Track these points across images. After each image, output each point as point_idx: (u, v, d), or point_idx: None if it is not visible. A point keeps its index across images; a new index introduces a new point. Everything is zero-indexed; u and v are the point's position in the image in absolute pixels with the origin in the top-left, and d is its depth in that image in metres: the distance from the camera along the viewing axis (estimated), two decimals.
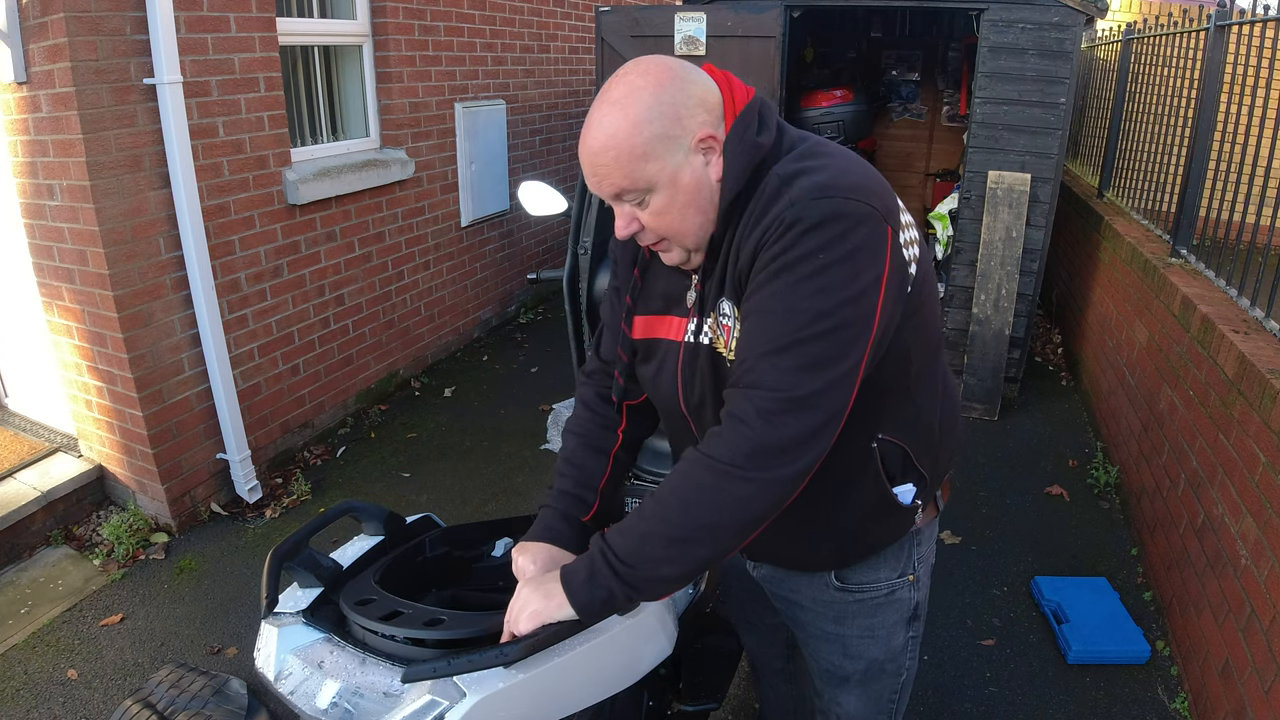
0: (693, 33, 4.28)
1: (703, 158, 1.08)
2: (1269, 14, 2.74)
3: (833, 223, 1.00)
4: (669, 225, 1.11)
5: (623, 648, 1.36)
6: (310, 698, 1.21)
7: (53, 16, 2.48)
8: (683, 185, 1.08)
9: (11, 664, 2.48)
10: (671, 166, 1.06)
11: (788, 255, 1.01)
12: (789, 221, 1.01)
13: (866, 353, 1.04)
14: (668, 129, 1.05)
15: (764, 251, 1.03)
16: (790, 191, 1.03)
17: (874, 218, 1.03)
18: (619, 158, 1.06)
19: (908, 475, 1.26)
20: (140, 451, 3.03)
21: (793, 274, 1.01)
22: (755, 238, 1.05)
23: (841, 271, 1.00)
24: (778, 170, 1.07)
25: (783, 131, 1.14)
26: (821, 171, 1.05)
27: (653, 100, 1.04)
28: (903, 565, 1.36)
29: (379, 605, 1.30)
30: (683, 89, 1.06)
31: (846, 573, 1.36)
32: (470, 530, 1.72)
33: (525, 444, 3.85)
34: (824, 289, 1.00)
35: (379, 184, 3.98)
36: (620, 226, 1.13)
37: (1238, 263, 2.78)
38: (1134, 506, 3.20)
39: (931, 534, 1.42)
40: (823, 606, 1.40)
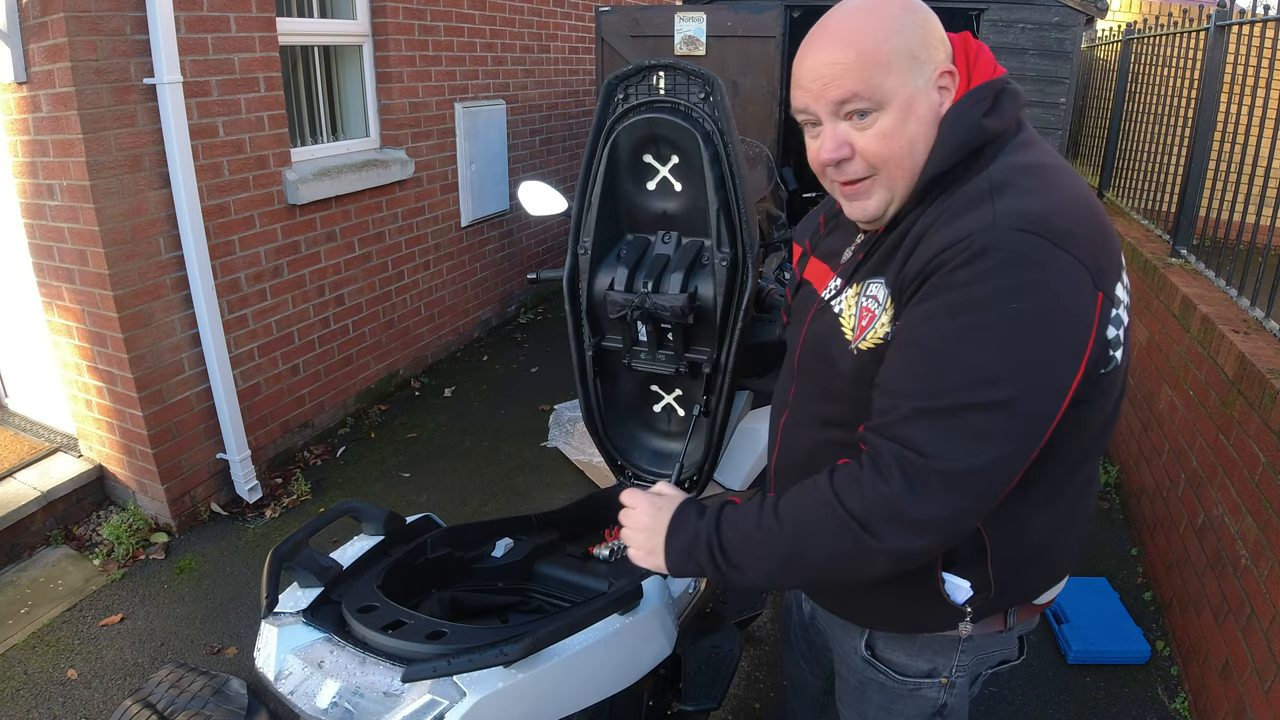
0: (693, 33, 4.28)
1: (938, 95, 0.96)
2: (1269, 14, 2.74)
3: (1031, 269, 0.85)
4: (891, 151, 0.95)
5: (623, 648, 1.36)
6: (310, 697, 1.21)
7: (53, 16, 2.48)
8: (916, 113, 0.95)
9: (11, 664, 2.48)
10: (910, 88, 0.94)
11: (970, 290, 0.86)
12: (981, 246, 0.86)
13: (1040, 439, 0.89)
14: (914, 48, 0.94)
15: (944, 272, 0.88)
16: (995, 205, 0.89)
17: (1084, 279, 0.87)
18: (860, 59, 0.92)
19: (970, 571, 1.08)
20: (140, 451, 3.03)
21: (972, 318, 0.86)
22: (940, 243, 0.90)
23: (1032, 334, 0.85)
24: (993, 171, 0.93)
25: (1023, 126, 1.00)
26: (1038, 195, 0.90)
27: (903, 14, 0.94)
28: (938, 663, 1.20)
29: (381, 613, 1.30)
30: (929, 19, 0.97)
31: (878, 645, 1.23)
32: (470, 530, 1.72)
33: (525, 444, 3.85)
34: (1005, 348, 0.85)
35: (379, 184, 3.98)
36: (827, 148, 0.97)
37: (1238, 263, 2.78)
38: (1134, 506, 3.20)
39: (991, 647, 1.21)
40: (848, 669, 1.31)
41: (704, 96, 1.76)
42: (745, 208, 1.80)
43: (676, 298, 1.83)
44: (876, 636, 1.24)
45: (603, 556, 1.85)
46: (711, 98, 1.76)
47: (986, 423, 0.87)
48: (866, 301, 1.01)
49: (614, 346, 2.03)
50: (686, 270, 1.87)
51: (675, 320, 1.86)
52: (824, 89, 0.95)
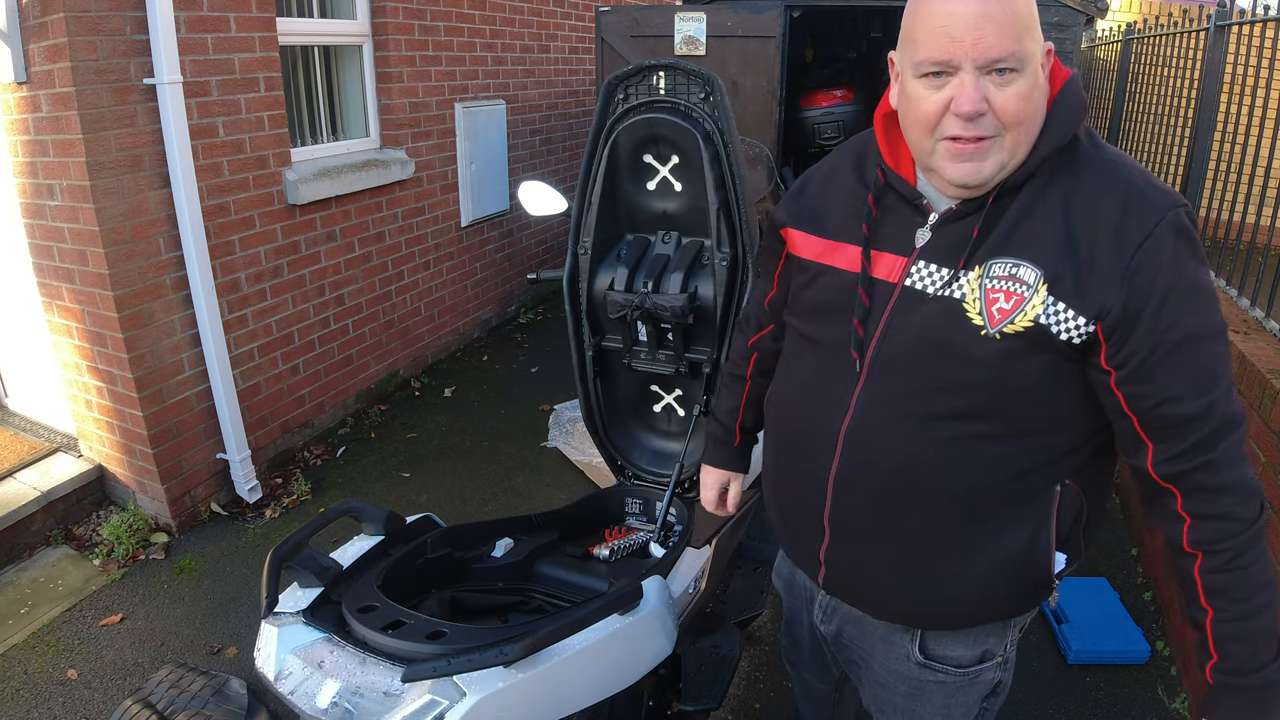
0: (693, 33, 4.28)
1: (1043, 70, 0.98)
2: (1269, 14, 2.74)
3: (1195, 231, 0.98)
4: (1024, 113, 0.96)
5: (623, 648, 1.36)
6: (310, 697, 1.21)
7: (53, 16, 2.48)
8: (1039, 81, 0.97)
9: (11, 664, 2.48)
10: (1040, 55, 0.97)
11: (1191, 270, 0.95)
12: (1175, 229, 0.94)
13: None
14: (1033, 22, 0.96)
15: (1158, 261, 0.94)
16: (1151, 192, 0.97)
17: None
18: (1014, 18, 0.93)
19: (1069, 543, 1.10)
20: (140, 451, 3.03)
21: (1202, 290, 0.96)
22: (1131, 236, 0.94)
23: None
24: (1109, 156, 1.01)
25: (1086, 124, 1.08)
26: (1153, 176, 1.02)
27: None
28: (991, 644, 1.20)
29: (381, 613, 1.30)
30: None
31: (932, 645, 1.21)
32: (470, 531, 1.72)
33: (525, 444, 3.85)
34: (1218, 303, 0.99)
35: (379, 184, 3.98)
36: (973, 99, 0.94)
37: (1238, 263, 2.78)
38: (1134, 506, 3.20)
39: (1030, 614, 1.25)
40: (896, 679, 1.26)
41: (704, 96, 1.77)
42: (745, 208, 1.80)
43: (676, 298, 1.83)
44: (929, 637, 1.21)
45: (603, 556, 1.85)
46: (711, 98, 1.76)
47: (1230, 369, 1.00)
48: (1004, 285, 0.98)
49: (614, 346, 2.03)
50: (686, 270, 1.87)
51: (675, 320, 1.86)
52: (978, 42, 0.92)
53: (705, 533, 1.85)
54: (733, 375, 1.48)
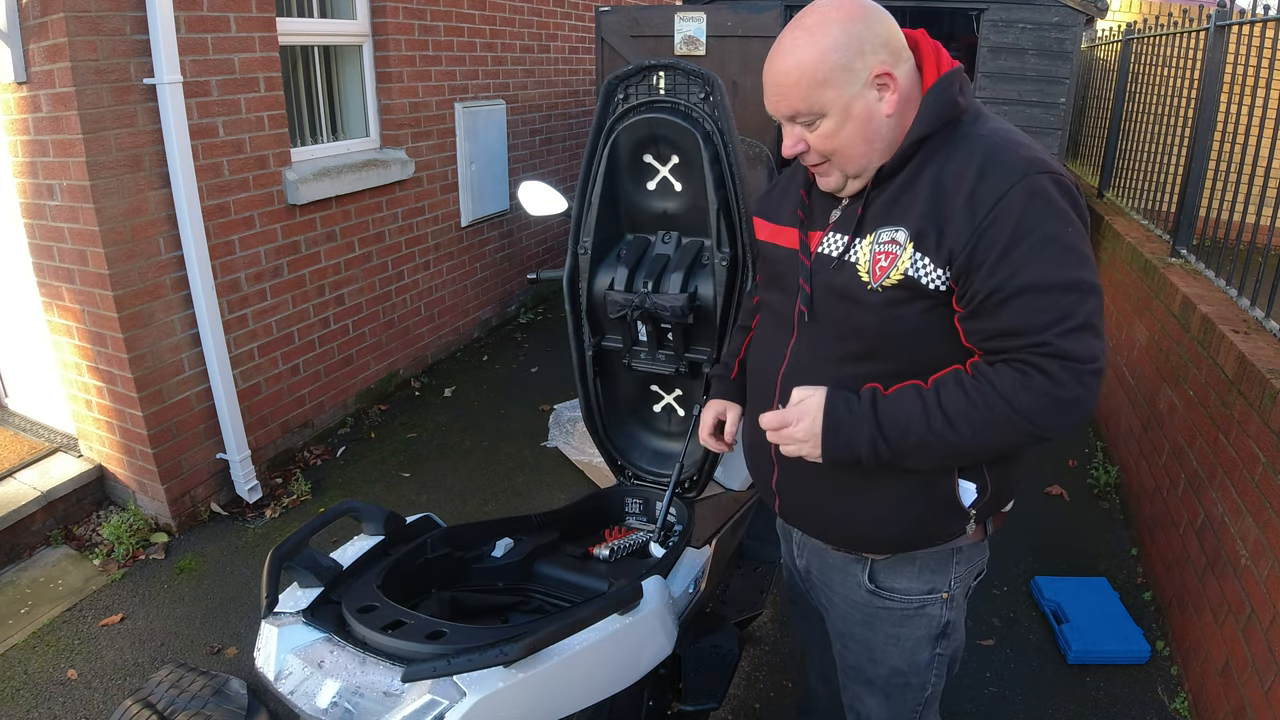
0: (693, 33, 4.28)
1: (876, 93, 1.15)
2: (1269, 14, 2.74)
3: (1070, 196, 1.12)
4: (833, 147, 1.18)
5: (623, 648, 1.36)
6: (310, 697, 1.21)
7: (53, 16, 2.48)
8: (854, 115, 1.15)
9: (11, 664, 2.48)
10: (846, 96, 1.14)
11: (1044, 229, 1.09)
12: (1029, 192, 1.09)
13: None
14: (849, 61, 1.12)
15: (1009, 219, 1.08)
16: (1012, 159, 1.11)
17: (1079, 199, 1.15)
18: (800, 81, 1.14)
19: (975, 473, 1.26)
20: (140, 451, 3.03)
21: (1056, 247, 1.09)
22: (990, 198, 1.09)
23: (1086, 244, 1.12)
24: (984, 133, 1.15)
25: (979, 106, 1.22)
26: (1033, 149, 1.15)
27: (841, 32, 1.12)
28: (937, 581, 1.36)
29: (381, 613, 1.30)
30: (870, 26, 1.14)
31: (880, 575, 1.37)
32: (470, 530, 1.72)
33: (525, 444, 3.85)
34: (1085, 260, 1.11)
35: (379, 184, 3.98)
36: (788, 145, 1.22)
37: (1238, 263, 2.78)
38: (1134, 506, 3.20)
39: (976, 557, 1.41)
40: (852, 607, 1.42)
41: (704, 96, 1.76)
42: (745, 208, 1.80)
43: (676, 298, 1.83)
44: (878, 568, 1.37)
45: (603, 556, 1.85)
46: (711, 98, 1.76)
47: (1100, 320, 1.12)
48: (885, 247, 1.17)
49: (614, 346, 2.03)
50: (686, 270, 1.87)
51: (675, 320, 1.86)
52: (777, 103, 1.19)
53: (705, 533, 1.85)
54: (741, 327, 1.67)
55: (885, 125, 1.17)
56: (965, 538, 1.32)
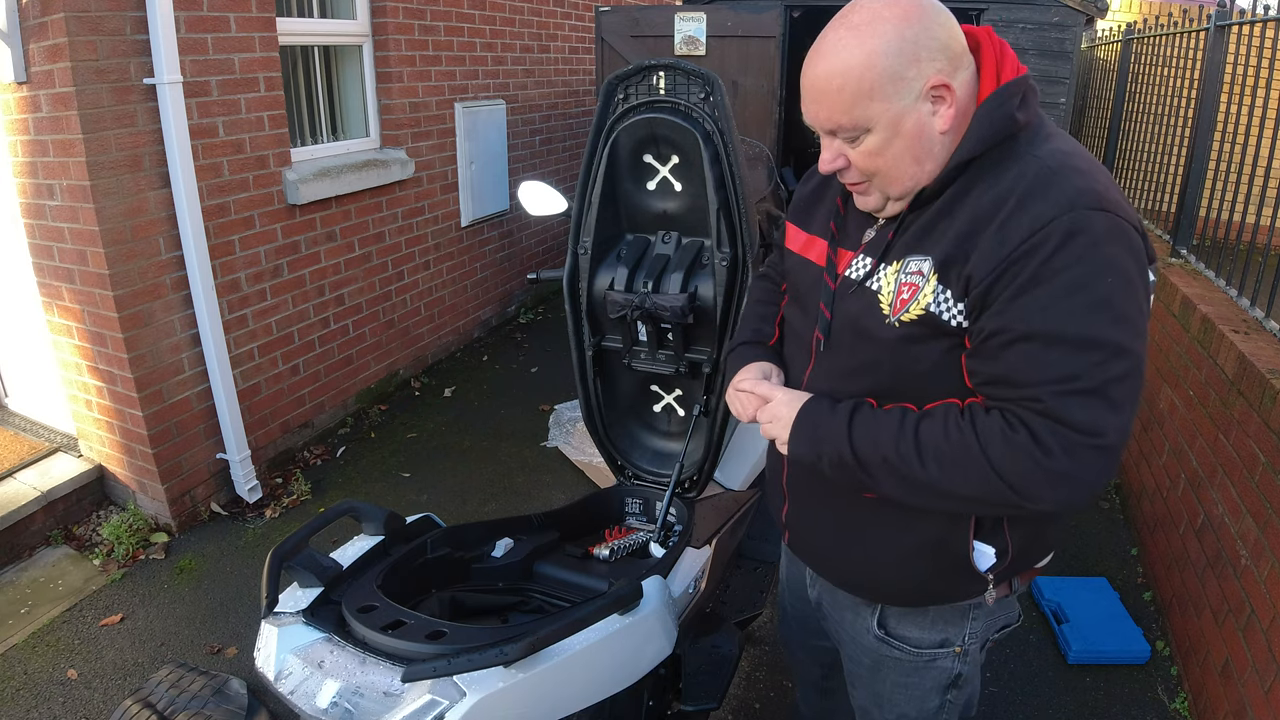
0: (693, 33, 4.28)
1: (931, 106, 1.00)
2: (1269, 14, 2.74)
3: (1117, 241, 0.94)
4: (877, 167, 1.04)
5: (623, 648, 1.36)
6: (310, 697, 1.21)
7: (53, 16, 2.48)
8: (904, 131, 1.01)
9: (11, 664, 2.48)
10: (897, 109, 0.99)
11: (1074, 272, 0.93)
12: (1068, 230, 0.92)
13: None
14: (902, 69, 0.97)
15: (1039, 256, 0.93)
16: (1061, 189, 0.95)
17: (1139, 242, 0.97)
18: (844, 90, 0.99)
19: (995, 537, 1.14)
20: (140, 451, 3.03)
21: (1085, 296, 0.93)
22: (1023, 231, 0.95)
23: (1132, 300, 0.94)
24: (1045, 159, 0.99)
25: (1043, 120, 1.06)
26: (1092, 177, 0.97)
27: (894, 34, 0.97)
28: (950, 633, 1.26)
29: (381, 613, 1.30)
30: (928, 28, 0.98)
31: (890, 622, 1.28)
32: (470, 530, 1.72)
33: (525, 444, 3.85)
34: (1119, 318, 0.93)
35: (379, 184, 3.98)
36: (826, 161, 1.07)
37: (1238, 263, 2.78)
38: (1134, 506, 3.20)
39: (998, 612, 1.30)
40: (860, 650, 1.34)
41: (704, 96, 1.76)
42: (745, 208, 1.80)
43: (676, 298, 1.83)
44: (889, 613, 1.28)
45: (603, 556, 1.85)
46: (711, 98, 1.76)
47: (1122, 391, 0.95)
48: (910, 278, 1.05)
49: (614, 346, 2.03)
50: (686, 270, 1.87)
51: (675, 320, 1.86)
52: (814, 115, 1.05)
53: (705, 533, 1.85)
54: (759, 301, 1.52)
55: (938, 143, 1.02)
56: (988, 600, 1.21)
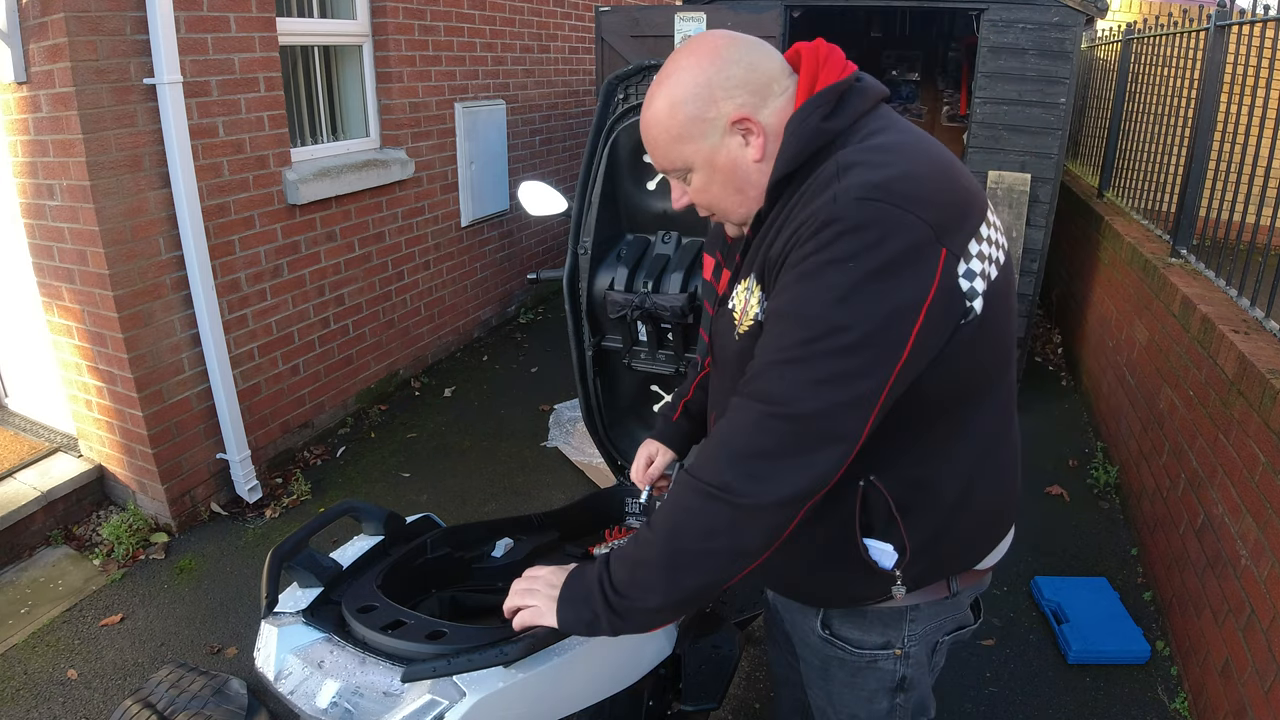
0: (692, 33, 4.28)
1: (740, 139, 1.06)
2: (1269, 14, 2.74)
3: (871, 230, 0.91)
4: (709, 200, 1.12)
5: (623, 648, 1.36)
6: (310, 697, 1.21)
7: (53, 16, 2.48)
8: (718, 166, 1.08)
9: (11, 664, 2.48)
10: (707, 148, 1.07)
11: (816, 257, 0.93)
12: (824, 220, 0.94)
13: (890, 382, 0.93)
14: (702, 111, 1.04)
15: (796, 248, 0.97)
16: (839, 184, 0.96)
17: (924, 235, 0.92)
18: (659, 138, 1.08)
19: (887, 535, 1.12)
20: (140, 451, 3.03)
21: (817, 280, 0.93)
22: (793, 225, 0.99)
23: (872, 285, 0.91)
24: (840, 156, 1.00)
25: (872, 116, 1.06)
26: (882, 168, 0.96)
27: (691, 81, 1.04)
28: (889, 637, 1.25)
29: (381, 613, 1.30)
30: (724, 69, 1.03)
31: (833, 622, 1.28)
32: (470, 530, 1.72)
33: (525, 444, 3.85)
34: (847, 300, 0.91)
35: (379, 184, 3.98)
36: (675, 197, 1.17)
37: (1238, 263, 2.78)
38: (1134, 506, 3.19)
39: (941, 614, 1.25)
40: (809, 650, 1.35)
41: None
42: None
43: (676, 297, 1.83)
44: (831, 615, 1.28)
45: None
46: None
47: (834, 367, 0.92)
48: (745, 293, 1.11)
49: (614, 346, 2.03)
50: (686, 270, 1.87)
51: (675, 320, 1.86)
52: (653, 159, 1.13)
53: None
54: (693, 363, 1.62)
55: (755, 171, 1.07)
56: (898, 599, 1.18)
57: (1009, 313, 1.08)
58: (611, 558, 1.08)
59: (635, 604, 1.03)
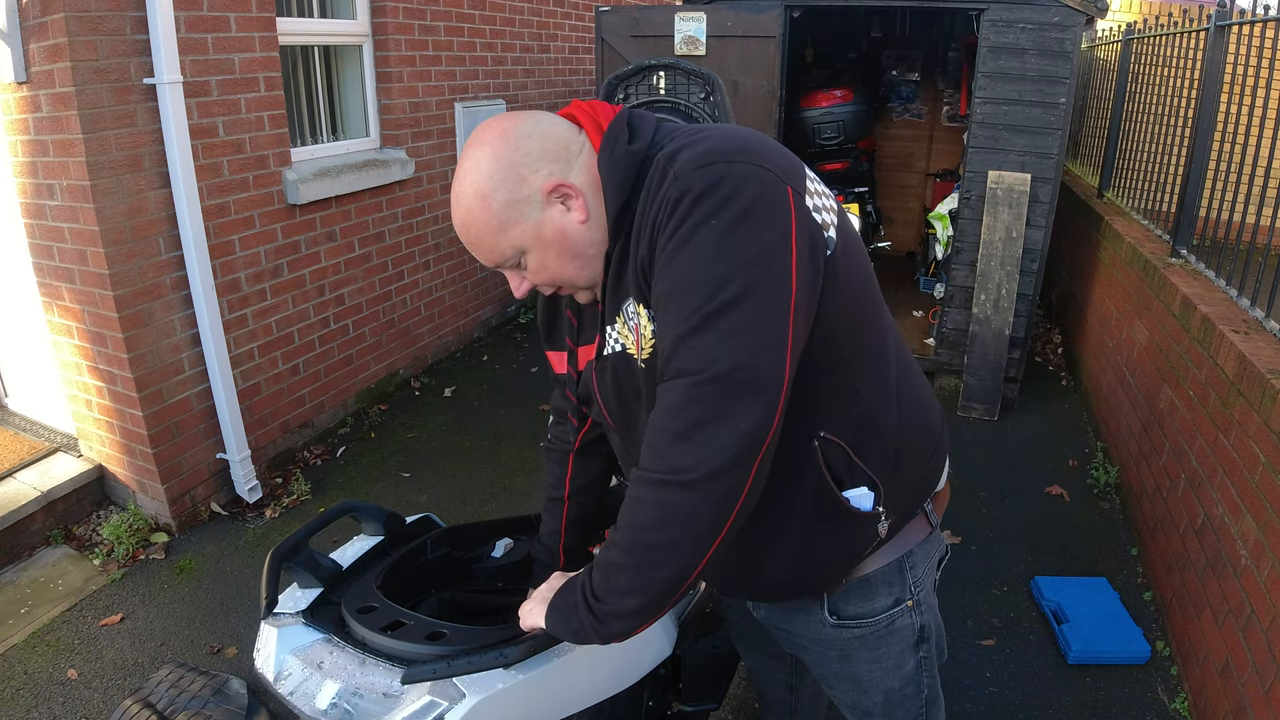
0: (693, 33, 4.28)
1: (560, 206, 1.06)
2: (1269, 14, 2.74)
3: (720, 186, 0.94)
4: (551, 277, 1.10)
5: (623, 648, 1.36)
6: (310, 698, 1.21)
7: (53, 16, 2.48)
8: (548, 240, 1.06)
9: (11, 664, 2.48)
10: (531, 226, 1.05)
11: (681, 230, 0.95)
12: (675, 196, 0.96)
13: (791, 316, 0.95)
14: (514, 194, 1.03)
15: (660, 234, 0.98)
16: (674, 167, 0.99)
17: (766, 176, 0.96)
18: (481, 235, 1.06)
19: (856, 479, 1.15)
20: (140, 451, 3.03)
21: (689, 247, 0.94)
22: (650, 223, 1.00)
23: (740, 232, 0.93)
24: (660, 155, 1.03)
25: (660, 128, 1.10)
26: (704, 141, 1.00)
27: (491, 168, 1.03)
28: (898, 592, 1.27)
29: (381, 614, 1.30)
30: (519, 147, 1.03)
31: (840, 606, 1.28)
32: (470, 530, 1.72)
33: (525, 444, 3.85)
34: (722, 253, 0.93)
35: (379, 184, 3.98)
36: (514, 287, 1.13)
37: (1238, 263, 2.78)
38: (1134, 506, 3.19)
39: (931, 552, 1.32)
40: (823, 645, 1.33)
41: (704, 96, 1.77)
42: None
43: None
44: (835, 600, 1.28)
45: None
46: (712, 97, 1.76)
47: (734, 319, 0.92)
48: (630, 320, 1.09)
49: None
50: None
51: None
52: (477, 255, 1.10)
53: None
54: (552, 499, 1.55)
55: (585, 231, 1.07)
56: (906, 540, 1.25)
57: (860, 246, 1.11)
58: (593, 565, 1.08)
59: (613, 608, 1.03)
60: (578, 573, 1.15)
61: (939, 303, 4.65)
